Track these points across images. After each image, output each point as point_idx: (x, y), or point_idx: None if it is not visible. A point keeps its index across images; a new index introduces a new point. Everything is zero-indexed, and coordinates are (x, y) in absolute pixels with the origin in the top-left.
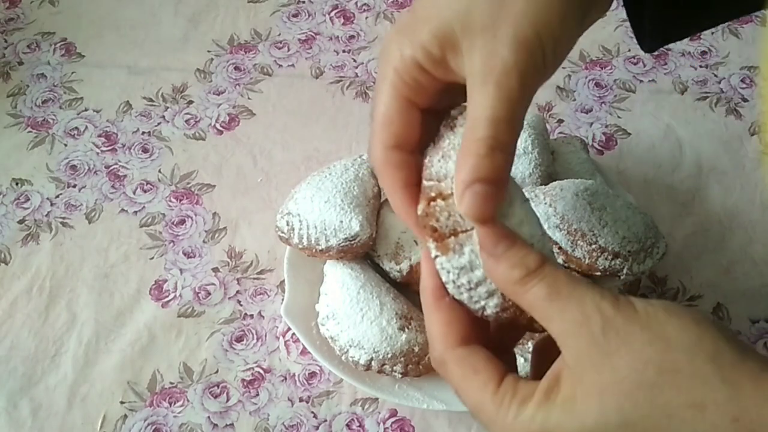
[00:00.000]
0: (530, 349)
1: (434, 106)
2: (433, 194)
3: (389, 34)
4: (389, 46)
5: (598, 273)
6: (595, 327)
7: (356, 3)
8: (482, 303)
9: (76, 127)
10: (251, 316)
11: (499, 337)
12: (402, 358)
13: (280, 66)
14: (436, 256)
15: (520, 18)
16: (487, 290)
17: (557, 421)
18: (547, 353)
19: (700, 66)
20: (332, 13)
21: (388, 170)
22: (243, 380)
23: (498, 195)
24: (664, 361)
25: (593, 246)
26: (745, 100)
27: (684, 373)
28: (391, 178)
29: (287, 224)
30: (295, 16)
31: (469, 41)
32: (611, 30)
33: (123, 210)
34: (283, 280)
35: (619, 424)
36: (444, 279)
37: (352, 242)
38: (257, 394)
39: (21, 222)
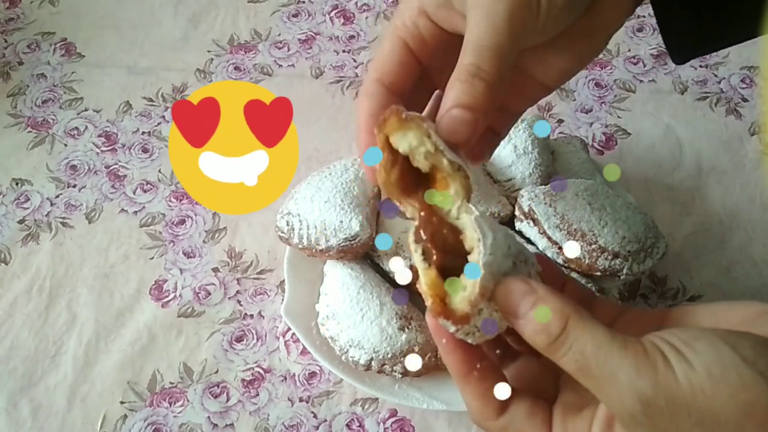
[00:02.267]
0: None
1: (429, 63)
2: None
3: None
4: (402, 2)
5: (598, 273)
6: (634, 410)
7: (356, 3)
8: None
9: (76, 127)
10: (251, 316)
11: None
12: (402, 358)
13: (280, 66)
14: (457, 330)
15: None
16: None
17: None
18: None
19: (700, 66)
20: (332, 13)
21: (363, 98)
22: (243, 380)
23: (475, 123)
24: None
25: (593, 246)
26: (745, 100)
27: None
28: (363, 105)
29: (287, 224)
30: (295, 16)
31: None
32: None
33: (123, 210)
34: (283, 280)
35: None
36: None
37: (352, 242)
38: (257, 394)
39: (21, 222)
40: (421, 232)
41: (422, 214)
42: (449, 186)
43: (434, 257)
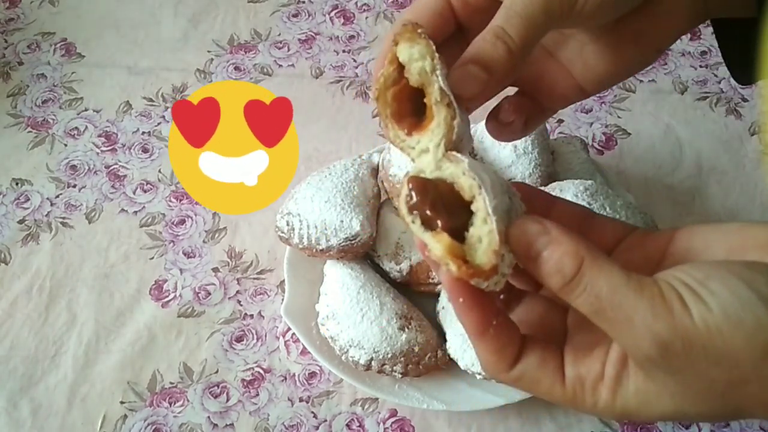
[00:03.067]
0: None
1: (465, 23)
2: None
3: None
4: None
5: None
6: (651, 352)
7: (356, 3)
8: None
9: (76, 127)
10: (251, 316)
11: None
12: (402, 358)
13: (280, 66)
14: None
15: None
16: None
17: (636, 408)
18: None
19: (700, 66)
20: (332, 13)
21: (389, 39)
22: (243, 380)
23: (485, 83)
24: (732, 377)
25: None
26: (745, 100)
27: (753, 382)
28: (390, 33)
29: (287, 224)
30: (295, 16)
31: None
32: None
33: (123, 210)
34: (283, 280)
35: (695, 414)
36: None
37: (353, 242)
38: (257, 394)
39: (21, 222)
40: (415, 197)
41: (410, 183)
42: (433, 120)
43: (439, 221)
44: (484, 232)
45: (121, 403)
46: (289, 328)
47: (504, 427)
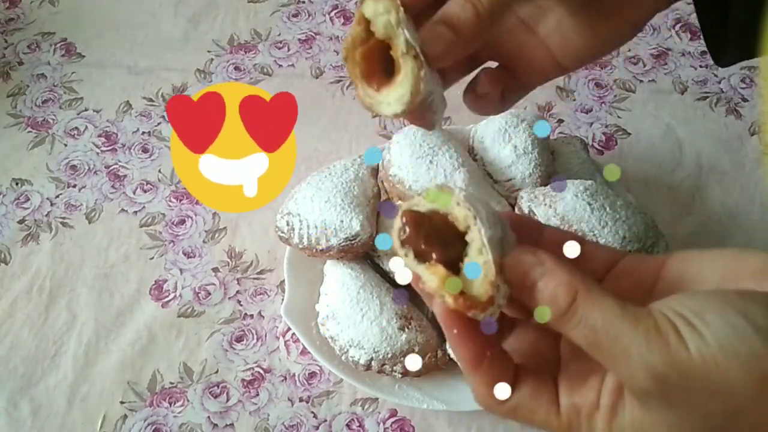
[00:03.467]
0: None
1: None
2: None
3: None
4: None
5: None
6: (647, 385)
7: (356, 3)
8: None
9: (76, 127)
10: (251, 316)
11: None
12: (402, 358)
13: (280, 66)
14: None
15: None
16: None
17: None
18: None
19: (700, 66)
20: (332, 13)
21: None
22: (243, 380)
23: (452, 44)
24: (727, 409)
25: None
26: (745, 100)
27: (749, 414)
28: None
29: (287, 224)
30: (295, 16)
31: None
32: None
33: (123, 210)
34: (283, 280)
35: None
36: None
37: (353, 242)
38: (257, 394)
39: (21, 222)
40: (408, 231)
41: (403, 217)
42: (400, 73)
43: (434, 254)
44: (479, 263)
45: (121, 403)
46: (289, 328)
47: (504, 427)
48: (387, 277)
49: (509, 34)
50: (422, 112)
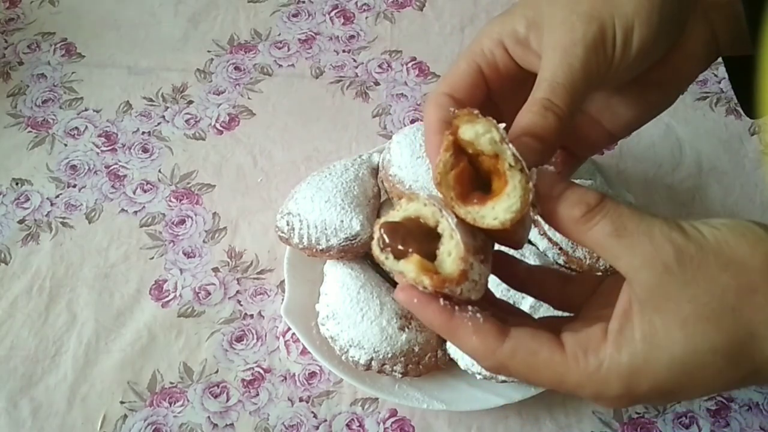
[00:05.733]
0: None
1: (496, 90)
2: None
3: (489, 21)
4: (484, 28)
5: (600, 273)
6: (668, 258)
7: (356, 3)
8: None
9: (76, 127)
10: (251, 316)
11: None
12: (402, 358)
13: (280, 66)
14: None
15: (602, 1)
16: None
17: (644, 356)
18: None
19: None
20: (332, 13)
21: (431, 106)
22: (243, 380)
23: (542, 152)
24: (740, 284)
25: None
26: None
27: (761, 292)
28: (431, 111)
29: (287, 224)
30: (295, 16)
31: (551, 16)
32: None
33: (123, 210)
34: (283, 280)
35: (707, 350)
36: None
37: (353, 242)
38: (257, 394)
39: (21, 222)
40: (386, 239)
41: (381, 228)
42: (507, 185)
43: (410, 249)
44: (451, 246)
45: (121, 403)
46: (289, 328)
47: (504, 427)
48: (387, 277)
49: None
50: (518, 227)
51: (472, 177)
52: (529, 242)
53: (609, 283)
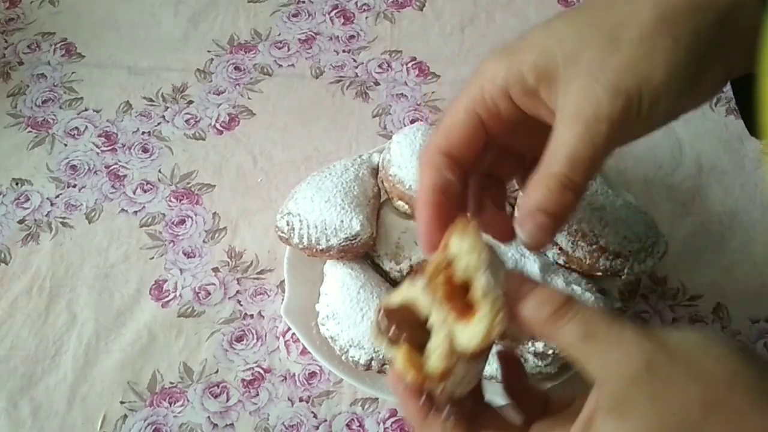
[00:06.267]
0: (532, 350)
1: (499, 141)
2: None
3: (491, 54)
4: (485, 65)
5: (599, 273)
6: (639, 366)
7: (356, 3)
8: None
9: (76, 127)
10: (251, 316)
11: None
12: None
13: (280, 66)
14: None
15: (627, 68)
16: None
17: None
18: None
19: None
20: (332, 13)
21: (426, 169)
22: (243, 380)
23: (555, 229)
24: (706, 399)
25: (594, 246)
26: None
27: (726, 408)
28: (426, 176)
29: (287, 224)
30: (295, 16)
31: (569, 77)
32: None
33: (123, 210)
34: (283, 280)
35: None
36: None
37: (353, 242)
38: (257, 394)
39: (21, 222)
40: (382, 322)
41: (380, 311)
42: (479, 311)
43: (404, 337)
44: (437, 342)
45: (121, 403)
46: (289, 328)
47: None
48: (387, 277)
49: None
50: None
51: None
52: None
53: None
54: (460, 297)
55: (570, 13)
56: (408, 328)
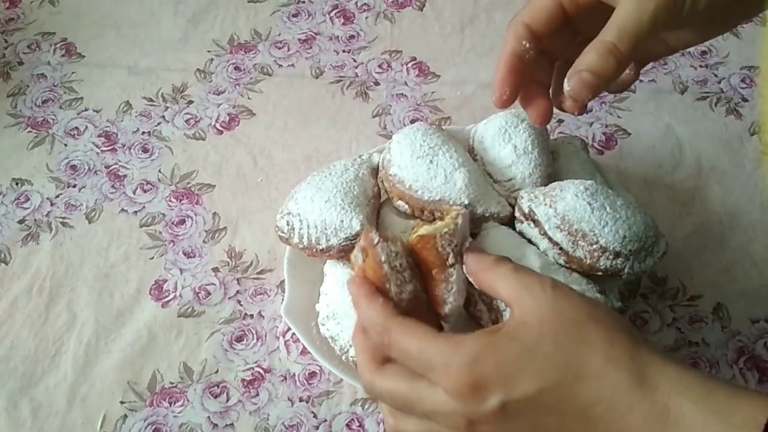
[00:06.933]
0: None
1: (573, 16)
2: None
3: None
4: None
5: (600, 273)
6: (546, 286)
7: (356, 3)
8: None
9: (76, 127)
10: (251, 316)
11: None
12: None
13: (280, 66)
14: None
15: None
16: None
17: (502, 345)
18: None
19: (700, 66)
20: (332, 13)
21: (509, 36)
22: (243, 380)
23: (598, 88)
24: (593, 314)
25: (594, 246)
26: (745, 100)
27: (604, 324)
28: (508, 42)
29: (287, 224)
30: (295, 16)
31: None
32: None
33: (123, 210)
34: (283, 280)
35: (551, 348)
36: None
37: (353, 242)
38: (257, 394)
39: (21, 222)
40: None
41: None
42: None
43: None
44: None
45: (121, 403)
46: (289, 328)
47: None
48: None
49: None
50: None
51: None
52: (530, 242)
53: None
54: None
55: None
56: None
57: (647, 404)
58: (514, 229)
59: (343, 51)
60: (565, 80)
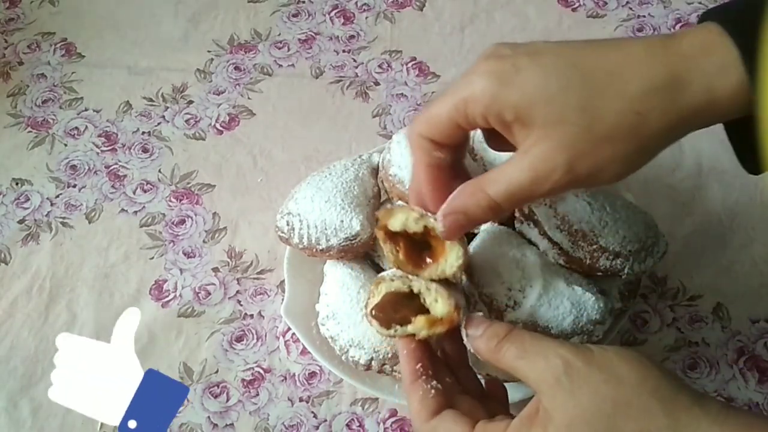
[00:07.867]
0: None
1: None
2: None
3: (491, 50)
4: (476, 80)
5: (600, 273)
6: (558, 371)
7: (356, 3)
8: None
9: (76, 127)
10: (251, 316)
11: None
12: None
13: (280, 66)
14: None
15: (589, 156)
16: None
17: None
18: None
19: None
20: (332, 13)
21: (416, 151)
22: (243, 380)
23: (466, 230)
24: (617, 397)
25: (594, 246)
26: None
27: (633, 406)
28: (418, 157)
29: (287, 224)
30: (295, 16)
31: (541, 135)
32: (611, 30)
33: (123, 210)
34: (283, 280)
35: None
36: None
37: (353, 242)
38: (257, 394)
39: (21, 222)
40: (379, 320)
41: (373, 311)
42: (447, 252)
43: (408, 315)
44: (433, 295)
45: None
46: (289, 328)
47: None
48: None
49: None
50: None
51: (413, 246)
52: (530, 242)
53: None
54: (421, 260)
55: (566, 49)
56: (403, 307)
57: None
58: (514, 229)
59: (343, 51)
60: (440, 213)
